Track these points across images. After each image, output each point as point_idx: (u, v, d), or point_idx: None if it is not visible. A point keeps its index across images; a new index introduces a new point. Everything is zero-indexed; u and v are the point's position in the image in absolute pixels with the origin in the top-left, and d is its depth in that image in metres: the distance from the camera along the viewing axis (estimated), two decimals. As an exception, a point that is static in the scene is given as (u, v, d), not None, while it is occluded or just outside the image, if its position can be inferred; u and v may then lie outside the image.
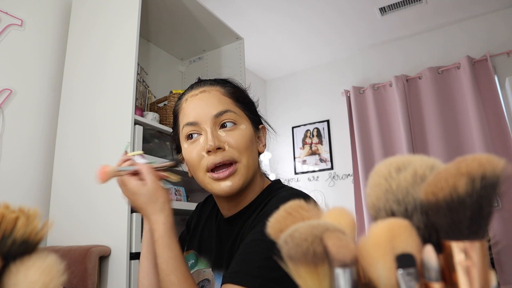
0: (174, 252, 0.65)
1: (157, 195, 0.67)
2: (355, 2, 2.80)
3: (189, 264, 0.80)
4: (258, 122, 0.79)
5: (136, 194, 0.68)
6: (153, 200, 0.67)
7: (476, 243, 0.25)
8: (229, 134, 0.70)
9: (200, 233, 0.84)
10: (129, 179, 0.69)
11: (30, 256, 0.29)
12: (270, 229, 0.33)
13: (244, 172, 0.69)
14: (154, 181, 0.68)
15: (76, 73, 1.70)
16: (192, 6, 1.92)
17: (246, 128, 0.72)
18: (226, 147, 0.69)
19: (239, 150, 0.69)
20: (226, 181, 0.69)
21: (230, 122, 0.71)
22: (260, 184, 0.77)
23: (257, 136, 0.78)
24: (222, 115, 0.70)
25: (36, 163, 1.64)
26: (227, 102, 0.73)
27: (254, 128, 0.76)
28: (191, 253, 0.82)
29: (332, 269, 0.26)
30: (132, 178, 0.69)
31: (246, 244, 0.64)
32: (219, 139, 0.69)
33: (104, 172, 0.67)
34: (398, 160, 0.31)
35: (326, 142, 3.56)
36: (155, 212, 0.67)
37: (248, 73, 3.71)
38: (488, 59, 2.86)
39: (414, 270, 0.25)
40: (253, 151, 0.72)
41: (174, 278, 0.63)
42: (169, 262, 0.64)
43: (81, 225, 1.46)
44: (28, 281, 0.27)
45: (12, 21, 1.64)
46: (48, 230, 0.31)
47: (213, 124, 0.70)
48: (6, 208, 0.30)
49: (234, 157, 0.69)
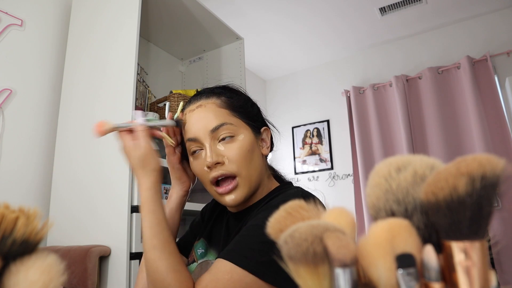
0: (158, 217, 0.67)
1: (146, 161, 0.69)
2: (355, 2, 2.80)
3: (199, 253, 0.82)
4: (260, 126, 0.79)
5: (128, 154, 0.70)
6: (142, 166, 0.69)
7: (476, 243, 0.25)
8: (227, 147, 0.72)
9: (212, 224, 0.86)
10: (124, 137, 0.71)
11: (30, 256, 0.29)
12: (270, 229, 0.33)
13: (246, 184, 0.72)
14: (145, 146, 0.69)
15: (76, 73, 1.70)
16: (192, 6, 1.92)
17: (245, 137, 0.73)
18: (225, 161, 0.71)
19: (238, 163, 0.71)
20: (230, 195, 0.72)
21: (228, 134, 0.72)
22: (267, 185, 0.79)
23: (260, 139, 0.78)
24: (218, 129, 0.72)
25: (36, 163, 1.64)
26: (223, 114, 0.73)
27: (255, 133, 0.76)
28: (201, 241, 0.84)
29: (332, 269, 0.26)
30: (128, 137, 0.70)
31: (246, 228, 0.67)
32: (218, 153, 0.71)
33: (101, 126, 0.68)
34: (398, 160, 0.31)
35: (326, 142, 3.56)
36: (142, 176, 0.69)
37: (248, 73, 3.71)
38: (488, 59, 2.86)
39: (414, 270, 0.25)
40: (253, 159, 0.73)
41: (156, 241, 0.65)
42: (153, 226, 0.66)
43: (81, 225, 1.46)
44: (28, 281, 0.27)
45: (12, 21, 1.64)
46: (48, 230, 0.31)
47: (211, 139, 0.72)
48: (6, 208, 0.30)
49: (233, 171, 0.71)
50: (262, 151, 0.78)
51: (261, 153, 0.77)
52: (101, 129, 0.68)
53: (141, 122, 0.72)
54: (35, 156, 1.65)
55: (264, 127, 0.80)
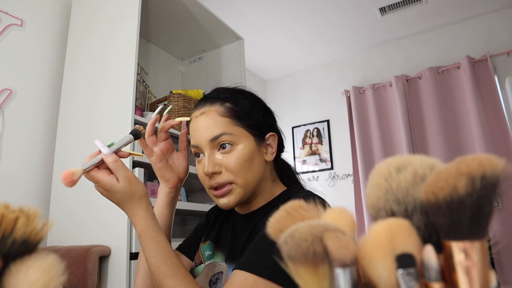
0: (161, 243, 0.66)
1: (131, 192, 0.66)
2: (355, 2, 2.80)
3: (206, 255, 0.81)
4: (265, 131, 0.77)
5: (110, 192, 0.66)
6: (128, 198, 0.66)
7: (476, 243, 0.25)
8: (225, 157, 0.72)
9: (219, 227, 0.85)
10: (98, 175, 0.66)
11: (30, 256, 0.29)
12: (270, 229, 0.33)
13: (240, 190, 0.72)
14: (125, 176, 0.66)
15: (76, 73, 1.70)
16: (192, 6, 1.92)
17: (245, 147, 0.73)
18: (222, 170, 0.72)
19: (235, 173, 0.71)
20: (224, 198, 0.73)
21: (227, 143, 0.72)
22: (270, 190, 0.78)
23: (265, 145, 0.77)
24: (217, 139, 0.72)
25: (36, 163, 1.64)
26: (224, 123, 0.73)
27: (257, 141, 0.76)
28: (208, 243, 0.84)
29: (332, 269, 0.26)
30: (101, 173, 0.66)
31: (261, 235, 0.65)
32: (215, 162, 0.72)
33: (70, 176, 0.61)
34: (398, 160, 0.31)
35: (326, 142, 3.56)
36: (132, 208, 0.67)
37: (248, 73, 3.71)
38: (488, 59, 2.86)
39: (414, 270, 0.25)
40: (252, 167, 0.73)
41: (166, 269, 0.64)
42: (158, 254, 0.65)
43: (81, 225, 1.46)
44: (28, 281, 0.27)
45: (12, 21, 1.64)
46: (48, 230, 0.31)
47: (211, 148, 0.73)
48: (6, 208, 0.30)
49: (229, 179, 0.72)
50: (266, 157, 0.77)
51: (263, 160, 0.76)
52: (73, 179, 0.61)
53: (107, 152, 0.66)
54: (35, 156, 1.65)
55: (270, 133, 0.78)
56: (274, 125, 0.82)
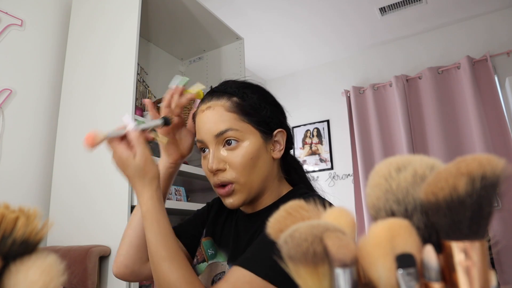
0: (164, 226, 0.66)
1: (145, 170, 0.66)
2: (355, 2, 2.80)
3: (209, 254, 0.81)
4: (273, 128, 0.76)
5: (124, 165, 0.66)
6: (141, 175, 0.66)
7: (476, 243, 0.25)
8: (230, 154, 0.71)
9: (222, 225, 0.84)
10: (118, 146, 0.67)
11: (30, 256, 0.29)
12: (270, 229, 0.33)
13: (243, 190, 0.71)
14: (143, 153, 0.66)
15: (76, 73, 1.70)
16: (192, 6, 1.92)
17: (250, 143, 0.71)
18: (226, 167, 0.71)
19: (238, 171, 0.70)
20: (229, 198, 0.72)
21: (233, 139, 0.71)
22: (277, 189, 0.77)
23: (272, 142, 0.75)
24: (222, 135, 0.71)
25: (36, 163, 1.64)
26: (230, 119, 0.71)
27: (264, 137, 0.74)
28: (210, 241, 0.82)
29: (332, 269, 0.26)
30: (122, 146, 0.67)
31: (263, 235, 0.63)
32: (220, 159, 0.71)
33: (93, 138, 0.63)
34: (398, 160, 0.31)
35: (326, 142, 3.56)
36: (142, 186, 0.66)
37: (248, 73, 3.71)
38: (488, 59, 2.86)
39: (414, 270, 0.25)
40: (257, 165, 0.72)
41: (165, 252, 0.63)
42: (159, 236, 0.64)
43: (81, 225, 1.46)
44: (28, 281, 0.27)
45: (12, 21, 1.64)
46: (48, 230, 0.31)
47: (216, 144, 0.72)
48: (6, 208, 0.30)
49: (231, 179, 0.70)
50: (273, 154, 0.75)
51: (270, 157, 0.75)
52: (93, 142, 0.63)
53: (133, 127, 0.67)
54: (35, 156, 1.65)
55: (278, 130, 0.76)
56: (283, 121, 0.80)
